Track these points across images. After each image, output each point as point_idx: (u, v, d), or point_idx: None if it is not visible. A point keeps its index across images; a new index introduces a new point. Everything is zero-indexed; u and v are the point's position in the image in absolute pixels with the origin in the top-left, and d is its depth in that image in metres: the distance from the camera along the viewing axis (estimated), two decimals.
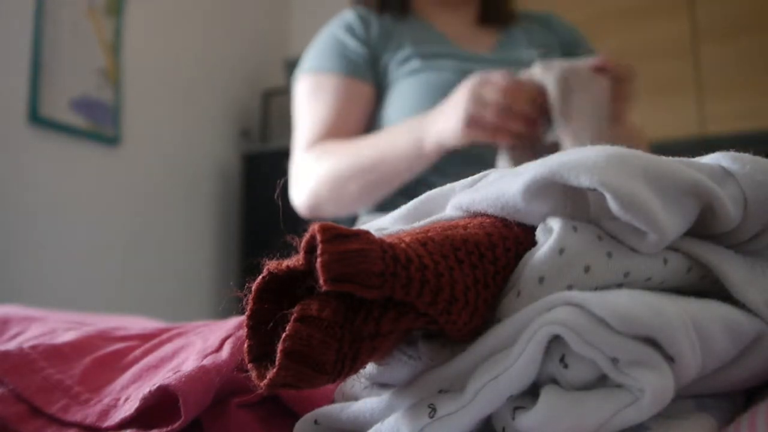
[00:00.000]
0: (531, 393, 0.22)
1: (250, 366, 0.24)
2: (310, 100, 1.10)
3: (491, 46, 1.13)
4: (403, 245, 0.22)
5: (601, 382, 0.22)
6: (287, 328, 0.22)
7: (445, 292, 0.22)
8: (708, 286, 0.26)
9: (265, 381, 0.22)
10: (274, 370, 0.22)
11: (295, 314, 0.22)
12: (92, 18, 2.14)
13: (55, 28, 2.00)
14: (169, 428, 0.31)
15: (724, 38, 2.15)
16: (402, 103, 1.05)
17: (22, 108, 1.92)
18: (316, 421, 0.29)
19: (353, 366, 0.22)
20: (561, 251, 0.23)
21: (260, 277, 0.25)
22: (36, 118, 1.93)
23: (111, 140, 2.18)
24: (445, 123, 0.89)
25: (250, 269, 0.26)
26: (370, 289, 0.21)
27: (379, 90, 1.10)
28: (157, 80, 2.41)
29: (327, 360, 0.21)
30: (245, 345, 0.25)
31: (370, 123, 1.10)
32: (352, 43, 1.09)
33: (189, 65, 2.56)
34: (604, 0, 2.32)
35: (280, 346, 0.22)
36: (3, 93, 1.87)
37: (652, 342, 0.21)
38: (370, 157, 0.98)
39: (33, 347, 0.40)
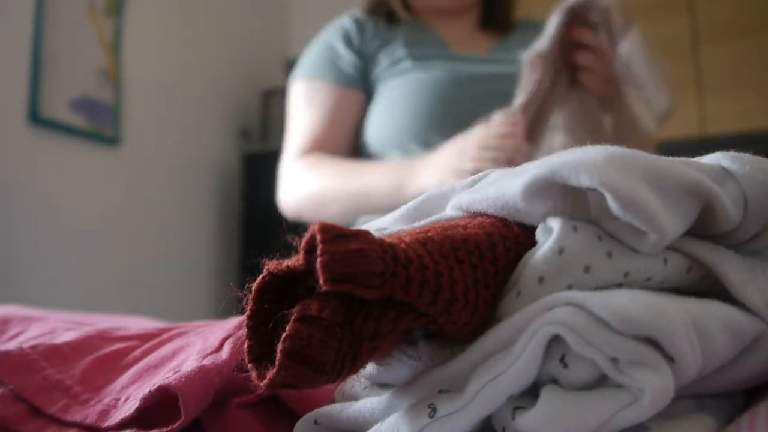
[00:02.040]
0: (531, 393, 0.22)
1: (250, 366, 0.24)
2: (302, 107, 1.14)
3: (488, 49, 1.14)
4: (403, 245, 0.22)
5: (601, 382, 0.22)
6: (287, 328, 0.22)
7: (445, 292, 0.22)
8: (708, 286, 0.26)
9: (265, 381, 0.22)
10: (274, 370, 0.22)
11: (295, 314, 0.22)
12: (92, 18, 2.14)
13: (55, 28, 2.00)
14: (169, 428, 0.31)
15: (724, 38, 2.15)
16: (388, 102, 1.07)
17: (22, 108, 1.92)
18: (316, 421, 0.29)
19: (353, 366, 0.22)
20: (561, 251, 0.23)
21: (260, 277, 0.25)
22: (36, 118, 1.93)
23: (111, 140, 2.18)
24: (430, 177, 0.92)
25: (250, 269, 0.26)
26: (370, 289, 0.21)
27: (370, 97, 1.12)
28: (157, 80, 2.41)
29: (327, 360, 0.21)
30: (245, 345, 0.25)
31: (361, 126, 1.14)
32: (346, 53, 1.12)
33: (189, 65, 2.56)
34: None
35: (280, 346, 0.22)
36: (3, 93, 1.87)
37: (652, 342, 0.21)
38: (354, 187, 1.03)
39: (33, 347, 0.40)
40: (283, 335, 0.22)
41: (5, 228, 1.84)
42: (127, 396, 0.35)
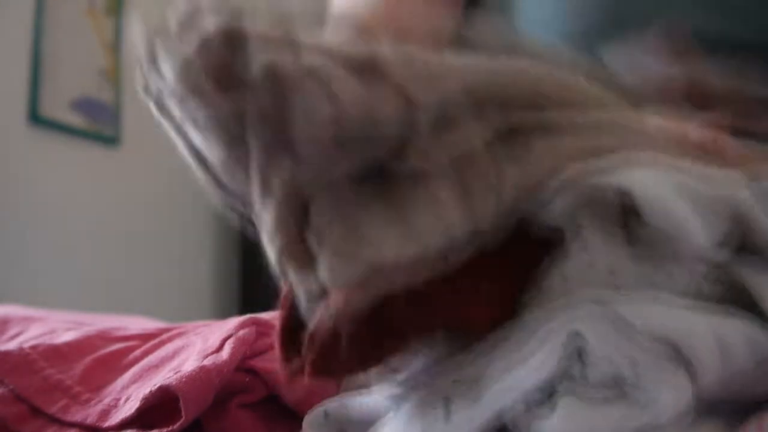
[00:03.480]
0: (548, 398, 0.22)
1: (282, 365, 0.24)
2: None
3: None
4: None
5: (618, 383, 0.21)
6: (313, 323, 0.22)
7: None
8: (733, 296, 0.26)
9: (293, 374, 0.23)
10: (301, 363, 0.22)
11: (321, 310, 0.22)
12: (92, 18, 2.14)
13: (55, 28, 2.00)
14: (170, 428, 0.31)
15: None
16: None
17: (22, 108, 1.92)
18: (326, 413, 0.29)
19: (378, 360, 0.23)
20: (587, 252, 0.23)
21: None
22: (36, 118, 1.93)
23: (111, 140, 2.18)
24: None
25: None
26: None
27: None
28: None
29: (352, 355, 0.21)
30: (278, 345, 0.25)
31: None
32: None
33: None
34: None
35: (306, 341, 0.22)
36: (3, 93, 1.87)
37: (672, 347, 0.21)
38: None
39: (33, 347, 0.40)
40: (310, 331, 0.22)
41: (5, 227, 1.84)
42: (128, 396, 0.35)
